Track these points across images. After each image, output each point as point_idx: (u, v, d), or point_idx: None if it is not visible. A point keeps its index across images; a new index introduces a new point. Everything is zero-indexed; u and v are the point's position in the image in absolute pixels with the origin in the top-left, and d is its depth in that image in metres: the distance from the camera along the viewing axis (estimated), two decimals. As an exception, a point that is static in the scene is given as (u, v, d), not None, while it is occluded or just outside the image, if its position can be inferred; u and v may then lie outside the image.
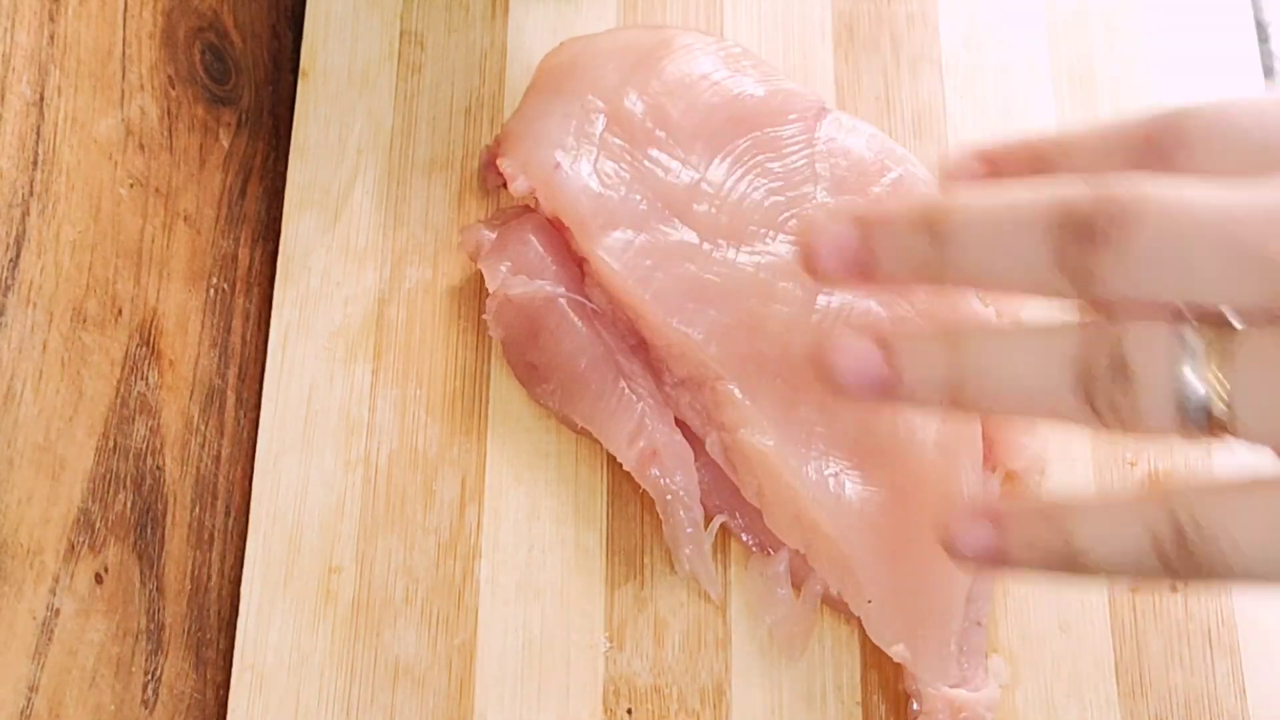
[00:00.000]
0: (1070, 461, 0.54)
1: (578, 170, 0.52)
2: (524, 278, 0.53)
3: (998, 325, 0.51)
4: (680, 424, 0.53)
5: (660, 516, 0.51)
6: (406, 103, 0.60)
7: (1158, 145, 0.38)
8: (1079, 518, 0.36)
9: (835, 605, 0.52)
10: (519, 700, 0.51)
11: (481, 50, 0.61)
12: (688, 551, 0.51)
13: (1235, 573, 0.34)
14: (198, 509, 0.53)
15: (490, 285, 0.53)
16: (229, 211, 0.57)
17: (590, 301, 0.53)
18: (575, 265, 0.54)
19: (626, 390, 0.52)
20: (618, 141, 0.52)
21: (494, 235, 0.54)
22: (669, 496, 0.51)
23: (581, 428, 0.53)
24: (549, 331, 0.53)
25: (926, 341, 0.38)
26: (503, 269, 0.53)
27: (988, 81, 0.60)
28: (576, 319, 0.53)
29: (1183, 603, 0.52)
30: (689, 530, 0.51)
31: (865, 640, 0.52)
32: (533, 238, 0.53)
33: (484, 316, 0.54)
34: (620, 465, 0.54)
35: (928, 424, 0.50)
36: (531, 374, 0.54)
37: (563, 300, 0.53)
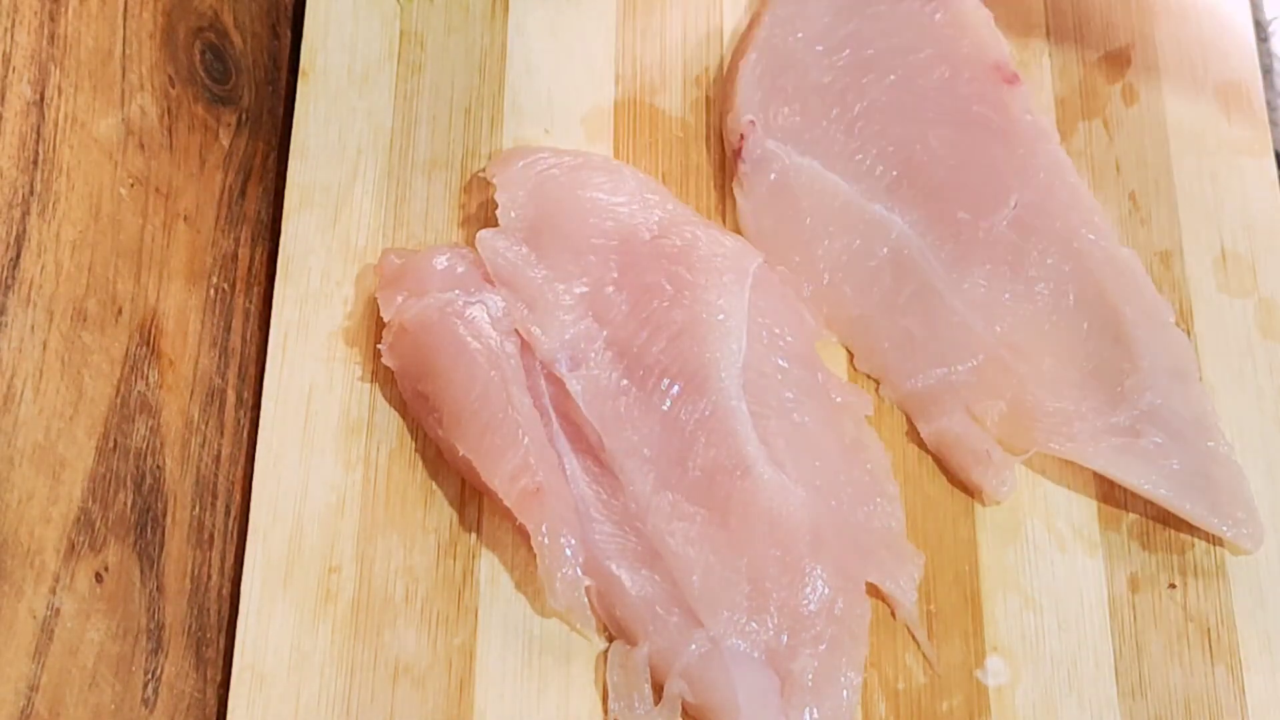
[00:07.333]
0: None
1: None
2: (414, 299, 0.52)
3: None
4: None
5: (535, 554, 0.50)
6: (406, 103, 0.60)
7: None
8: None
9: (695, 714, 0.50)
10: (519, 699, 0.51)
11: (481, 50, 0.61)
12: (560, 591, 0.49)
13: None
14: (198, 508, 0.53)
15: (385, 315, 0.53)
16: (229, 211, 0.57)
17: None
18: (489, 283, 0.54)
19: (516, 426, 0.51)
20: None
21: (400, 262, 0.54)
22: (545, 540, 0.49)
23: (463, 456, 0.51)
24: (448, 356, 0.52)
25: None
26: (399, 298, 0.53)
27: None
28: (471, 339, 0.52)
29: (1182, 603, 0.52)
30: (564, 573, 0.49)
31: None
32: (441, 258, 0.54)
33: (378, 346, 0.54)
34: (620, 465, 0.54)
35: None
36: (422, 403, 0.53)
37: (456, 320, 0.52)
